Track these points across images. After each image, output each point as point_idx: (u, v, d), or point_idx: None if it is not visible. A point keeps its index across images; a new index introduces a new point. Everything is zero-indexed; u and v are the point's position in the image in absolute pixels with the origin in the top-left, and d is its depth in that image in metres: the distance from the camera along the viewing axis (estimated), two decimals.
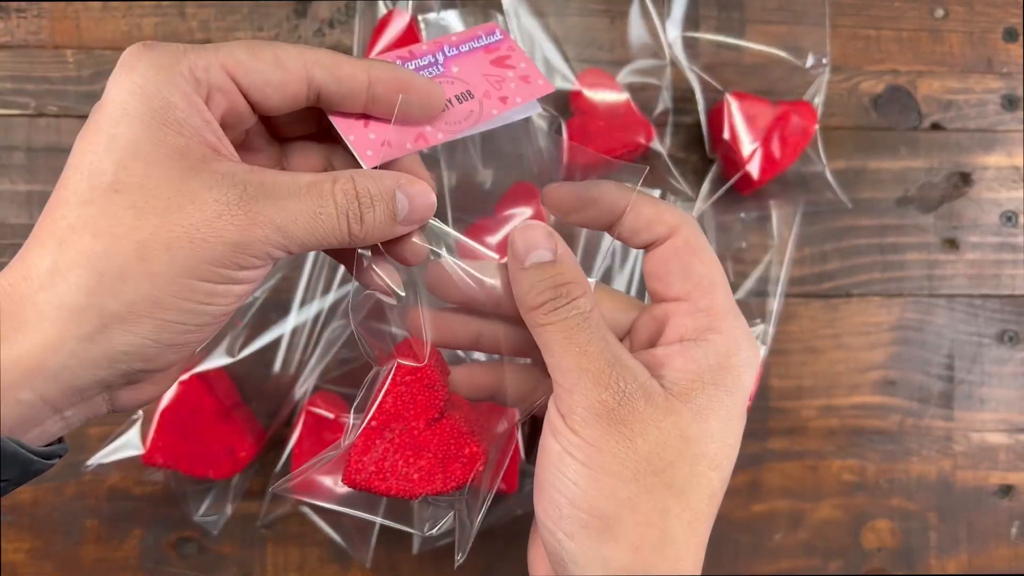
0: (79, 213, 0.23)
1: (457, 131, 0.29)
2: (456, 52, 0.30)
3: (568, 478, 0.25)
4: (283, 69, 0.25)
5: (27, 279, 0.22)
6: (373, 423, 0.28)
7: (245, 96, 0.25)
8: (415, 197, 0.27)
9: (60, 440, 0.26)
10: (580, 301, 0.27)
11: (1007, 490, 0.51)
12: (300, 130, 0.29)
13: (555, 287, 0.27)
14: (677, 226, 0.28)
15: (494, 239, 0.44)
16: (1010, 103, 0.52)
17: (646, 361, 0.27)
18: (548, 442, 0.26)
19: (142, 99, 0.23)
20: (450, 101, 0.29)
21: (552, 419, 0.26)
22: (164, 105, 0.23)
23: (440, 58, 0.30)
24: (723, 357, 0.26)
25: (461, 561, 0.30)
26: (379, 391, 0.28)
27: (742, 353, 0.27)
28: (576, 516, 0.25)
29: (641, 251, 0.30)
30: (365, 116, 0.27)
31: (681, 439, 0.25)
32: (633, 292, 0.48)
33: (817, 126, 0.48)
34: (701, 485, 0.26)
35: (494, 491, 0.30)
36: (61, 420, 0.24)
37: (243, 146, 0.28)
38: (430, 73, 0.30)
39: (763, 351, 0.48)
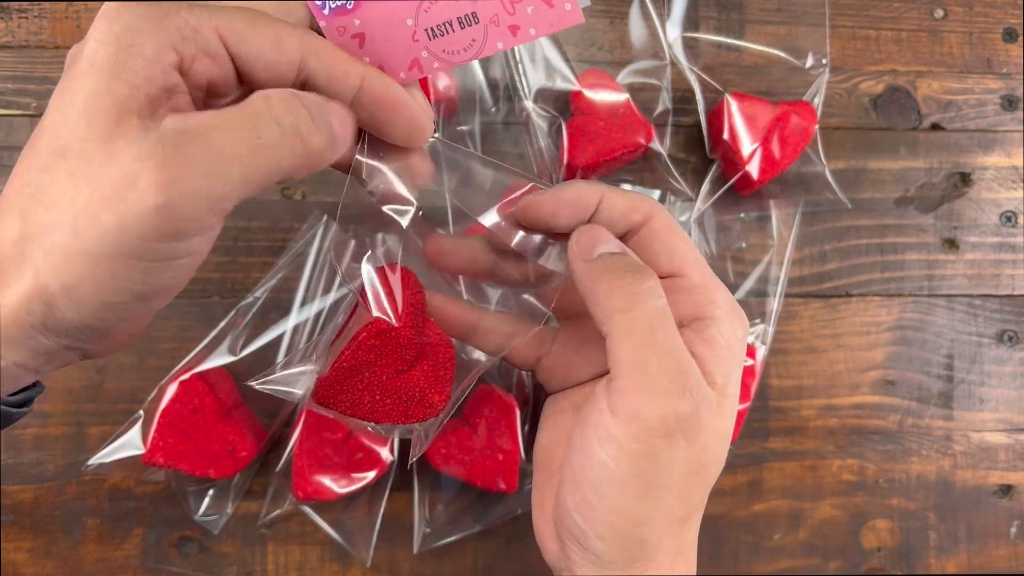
0: (37, 181, 0.21)
1: (455, 62, 0.27)
2: None
3: (615, 492, 0.25)
4: (280, 50, 0.23)
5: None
6: (345, 363, 0.28)
7: (233, 63, 0.23)
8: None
9: (34, 384, 0.25)
10: (659, 289, 0.26)
11: (1006, 490, 0.51)
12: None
13: (634, 269, 0.26)
14: (650, 211, 0.28)
15: None
16: (1009, 103, 0.53)
17: None
18: (593, 447, 0.25)
19: (112, 48, 0.21)
20: (450, 24, 0.26)
21: (605, 425, 0.25)
22: (131, 53, 0.21)
23: None
24: (731, 331, 0.27)
25: (415, 460, 0.32)
26: (355, 334, 0.29)
27: (740, 322, 0.27)
28: (613, 523, 0.25)
29: None
30: (360, 35, 0.26)
31: (722, 441, 0.26)
32: None
33: (817, 126, 0.48)
34: (718, 470, 0.27)
35: (452, 412, 0.31)
36: (35, 374, 0.24)
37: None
38: None
39: (763, 351, 0.48)
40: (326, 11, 0.26)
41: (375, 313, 0.28)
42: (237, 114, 0.22)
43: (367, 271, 0.29)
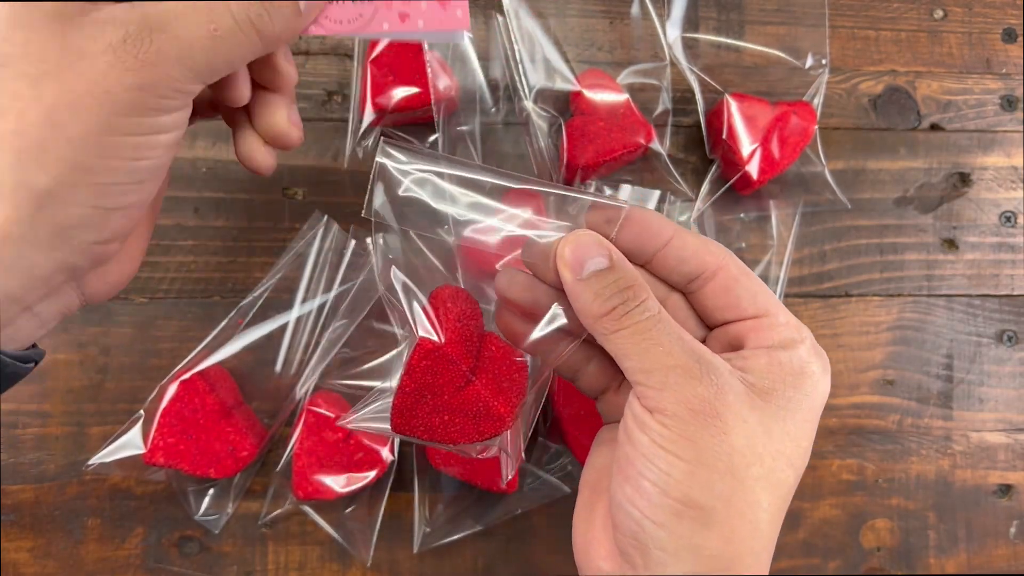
0: None
1: (336, 30, 0.27)
2: None
3: (661, 469, 0.25)
4: None
5: None
6: (406, 390, 0.29)
7: None
8: None
9: (35, 346, 0.25)
10: (649, 302, 0.26)
11: (1006, 490, 0.51)
12: None
13: (621, 291, 0.26)
14: (726, 255, 0.28)
15: (496, 238, 0.44)
16: (1009, 104, 0.53)
17: (729, 361, 0.27)
18: (635, 434, 0.26)
19: None
20: None
21: (639, 415, 0.26)
22: None
23: None
24: (804, 363, 0.27)
25: (507, 480, 0.33)
26: (408, 360, 0.29)
27: (820, 362, 0.28)
28: (669, 505, 0.25)
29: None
30: None
31: (766, 435, 0.26)
32: None
33: (816, 126, 0.48)
34: (781, 481, 0.26)
35: (532, 429, 0.32)
36: (33, 317, 0.24)
37: None
38: None
39: None
40: None
41: (420, 333, 0.29)
42: (193, 5, 0.23)
43: (409, 294, 0.29)
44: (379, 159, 0.28)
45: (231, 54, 0.24)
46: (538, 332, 0.30)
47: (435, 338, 0.29)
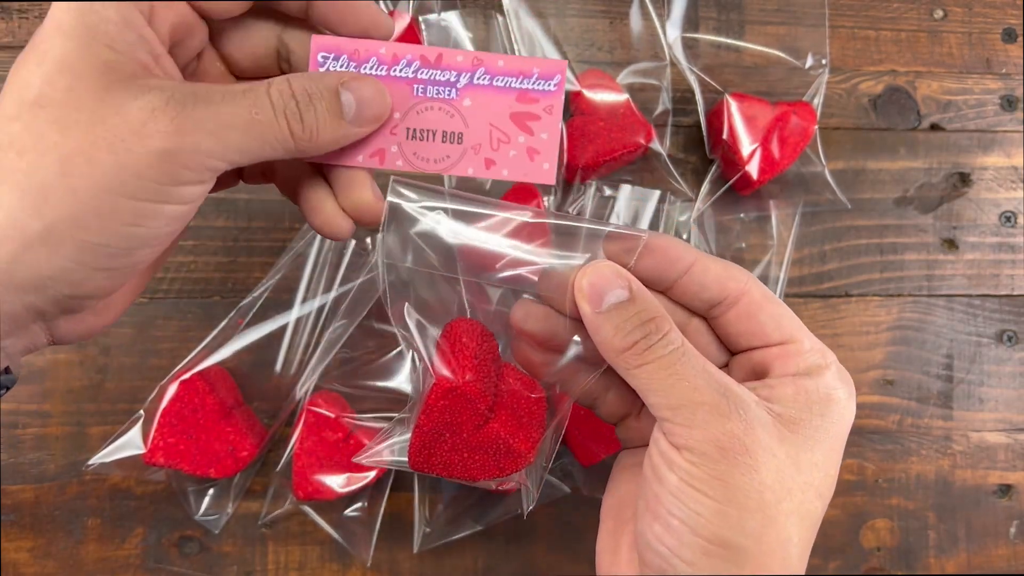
0: (6, 130, 0.22)
1: (418, 167, 0.28)
2: (487, 81, 0.27)
3: (691, 508, 0.24)
4: None
5: None
6: (424, 428, 0.29)
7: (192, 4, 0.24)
8: (362, 91, 0.26)
9: (7, 371, 0.25)
10: (672, 335, 0.26)
11: (1006, 490, 0.51)
12: (257, 68, 0.29)
13: (642, 324, 0.26)
14: (748, 281, 0.28)
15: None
16: (1009, 104, 0.53)
17: (754, 390, 0.26)
18: (663, 472, 0.25)
19: (76, 14, 0.22)
20: (434, 133, 0.27)
21: (666, 452, 0.25)
22: (97, 20, 0.22)
23: (462, 82, 0.27)
24: (831, 390, 0.26)
25: (528, 511, 0.32)
26: (425, 398, 0.29)
27: (846, 387, 0.27)
28: (699, 544, 0.24)
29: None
30: None
31: (794, 467, 0.25)
32: None
33: (816, 127, 0.48)
34: (810, 512, 0.26)
35: (551, 462, 0.31)
36: None
37: (196, 75, 0.28)
38: (438, 92, 0.27)
39: None
40: (330, 65, 0.27)
41: (438, 372, 0.28)
42: (241, 89, 0.24)
43: (423, 330, 0.29)
44: (390, 199, 0.27)
45: (266, 143, 0.24)
46: (558, 365, 0.30)
47: (452, 377, 0.28)
